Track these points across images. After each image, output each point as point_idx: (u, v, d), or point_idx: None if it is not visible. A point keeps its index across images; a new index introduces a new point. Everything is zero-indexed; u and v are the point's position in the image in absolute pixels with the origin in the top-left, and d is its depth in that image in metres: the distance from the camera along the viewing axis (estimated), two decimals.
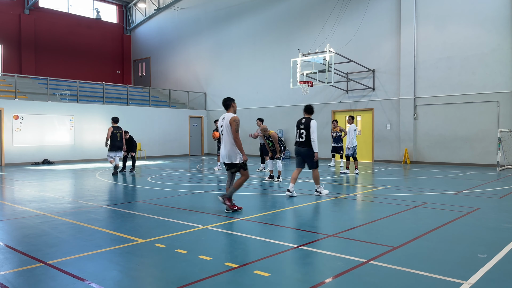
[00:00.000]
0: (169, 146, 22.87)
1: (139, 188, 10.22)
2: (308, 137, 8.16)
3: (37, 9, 25.42)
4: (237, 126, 6.65)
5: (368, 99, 18.23)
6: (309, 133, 8.11)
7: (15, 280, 3.79)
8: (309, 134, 8.12)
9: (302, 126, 8.27)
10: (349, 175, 12.53)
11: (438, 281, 3.65)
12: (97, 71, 27.91)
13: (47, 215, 6.70)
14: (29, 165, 17.40)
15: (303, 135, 8.22)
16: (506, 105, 14.89)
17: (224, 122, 6.73)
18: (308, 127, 8.13)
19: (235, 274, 3.87)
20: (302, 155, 8.33)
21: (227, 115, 6.79)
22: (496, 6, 15.00)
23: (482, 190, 9.24)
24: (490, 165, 14.99)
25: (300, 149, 8.33)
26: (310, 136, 8.11)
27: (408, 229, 5.66)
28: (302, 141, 8.25)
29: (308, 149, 8.22)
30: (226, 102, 6.90)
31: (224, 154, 6.77)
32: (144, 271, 4.08)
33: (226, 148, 6.72)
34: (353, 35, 18.37)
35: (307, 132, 8.16)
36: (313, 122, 8.18)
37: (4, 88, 19.91)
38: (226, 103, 6.90)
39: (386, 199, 8.13)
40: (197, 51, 25.36)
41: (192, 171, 14.50)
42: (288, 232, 5.56)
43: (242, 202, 7.34)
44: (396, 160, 17.29)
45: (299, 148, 8.35)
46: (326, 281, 3.69)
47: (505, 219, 6.20)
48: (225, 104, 6.90)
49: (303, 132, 8.23)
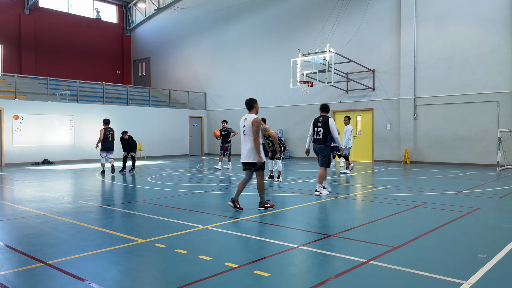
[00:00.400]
0: (169, 146, 22.87)
1: (139, 188, 10.22)
2: (325, 134, 8.48)
3: (37, 9, 25.42)
4: (258, 128, 6.75)
5: (368, 99, 18.23)
6: (326, 131, 8.46)
7: (15, 280, 3.79)
8: (326, 131, 8.46)
9: (319, 124, 8.60)
10: (348, 175, 12.53)
11: (438, 281, 3.65)
12: (97, 71, 27.92)
13: (47, 215, 6.70)
14: (29, 165, 17.40)
15: (321, 133, 8.55)
16: (506, 105, 14.89)
17: (246, 123, 6.83)
18: (326, 125, 8.46)
19: (235, 274, 3.87)
20: (316, 152, 8.67)
21: (249, 115, 6.88)
22: (496, 6, 15.00)
23: (482, 190, 9.24)
24: (490, 165, 14.99)
25: (316, 146, 8.68)
26: (330, 133, 8.46)
27: (408, 229, 5.66)
28: (319, 138, 8.58)
29: (323, 146, 8.53)
30: (249, 103, 6.98)
31: (244, 153, 6.89)
32: (144, 271, 4.08)
33: (247, 148, 6.82)
34: (353, 35, 18.37)
35: (324, 130, 8.48)
36: (331, 120, 8.55)
37: (4, 88, 19.91)
38: (249, 104, 6.98)
39: (386, 199, 8.13)
40: (197, 51, 25.36)
41: (192, 171, 14.50)
42: (288, 232, 5.56)
43: (242, 202, 7.34)
44: (396, 160, 17.29)
45: (315, 145, 8.70)
46: (326, 281, 3.69)
47: (505, 219, 6.20)
48: (248, 105, 6.99)
49: (320, 130, 8.56)
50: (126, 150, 14.08)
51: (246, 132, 6.81)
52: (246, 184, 7.05)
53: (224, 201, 8.23)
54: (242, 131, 6.90)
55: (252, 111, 6.96)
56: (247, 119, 6.84)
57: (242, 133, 6.89)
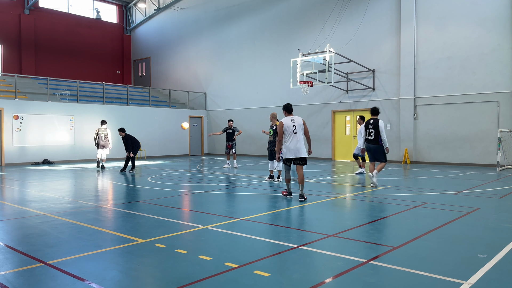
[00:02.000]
0: (169, 146, 22.87)
1: (139, 188, 10.22)
2: (376, 135, 9.58)
3: (37, 9, 25.42)
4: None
5: (368, 99, 18.23)
6: (377, 132, 9.54)
7: (15, 280, 3.79)
8: (377, 132, 9.54)
9: (371, 127, 9.69)
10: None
11: (438, 281, 3.65)
12: (97, 71, 27.91)
13: (47, 215, 6.70)
14: (29, 165, 17.40)
15: (372, 134, 9.65)
16: (506, 105, 14.89)
17: (296, 123, 8.01)
18: (377, 127, 9.54)
19: (235, 274, 3.87)
20: (372, 151, 9.77)
21: (296, 117, 8.12)
22: (496, 6, 15.00)
23: (482, 190, 9.24)
24: (490, 165, 14.99)
25: (370, 145, 9.78)
26: (380, 134, 9.53)
27: (408, 229, 5.66)
28: (372, 139, 9.69)
29: (377, 146, 9.67)
30: (291, 107, 8.35)
31: (295, 148, 7.88)
32: (144, 271, 4.08)
33: (300, 143, 7.92)
34: (353, 35, 18.37)
35: (375, 131, 9.57)
36: (380, 122, 9.63)
37: (4, 88, 19.91)
38: (291, 108, 8.35)
39: (386, 199, 8.13)
40: (197, 51, 25.36)
41: (192, 171, 14.50)
42: (288, 232, 5.56)
43: (242, 202, 7.34)
44: (396, 160, 17.29)
45: (369, 145, 9.80)
46: (326, 281, 3.69)
47: (505, 219, 6.20)
48: (290, 109, 8.32)
49: (372, 131, 9.66)
50: (126, 149, 14.00)
51: (297, 130, 7.94)
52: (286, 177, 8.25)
53: (225, 201, 8.23)
54: (293, 130, 7.92)
55: (292, 113, 8.28)
56: (296, 120, 8.02)
57: (293, 132, 7.92)
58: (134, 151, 14.00)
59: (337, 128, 19.34)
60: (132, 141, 14.00)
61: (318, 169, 14.76)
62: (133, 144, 14.01)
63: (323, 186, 10.25)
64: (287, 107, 8.30)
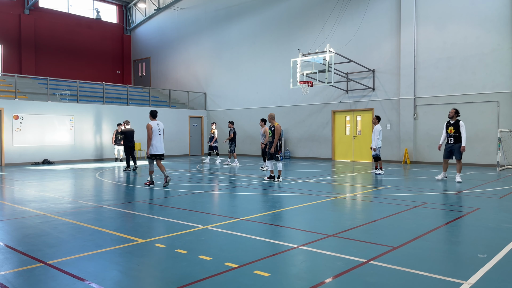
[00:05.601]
0: (169, 146, 22.78)
1: (139, 188, 10.22)
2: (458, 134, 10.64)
3: (37, 9, 25.42)
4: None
5: (368, 99, 18.23)
6: (459, 131, 10.58)
7: (15, 280, 3.79)
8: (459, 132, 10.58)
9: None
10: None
11: (438, 281, 3.65)
12: (97, 71, 27.91)
13: (47, 215, 6.70)
14: (29, 165, 17.39)
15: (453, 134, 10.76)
16: (506, 105, 14.89)
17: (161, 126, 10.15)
18: (458, 127, 10.62)
19: (235, 274, 3.87)
20: (452, 148, 10.74)
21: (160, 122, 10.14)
22: (496, 6, 15.00)
23: (482, 190, 9.24)
24: (490, 165, 14.99)
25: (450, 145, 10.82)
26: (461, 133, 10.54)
27: (408, 229, 5.66)
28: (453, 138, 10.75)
29: (457, 144, 10.67)
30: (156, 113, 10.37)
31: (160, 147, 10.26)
32: (144, 271, 4.08)
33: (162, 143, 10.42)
34: (353, 35, 18.37)
35: (456, 130, 10.66)
36: (461, 122, 10.71)
37: (4, 88, 19.90)
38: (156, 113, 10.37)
39: (386, 199, 8.13)
40: (197, 51, 25.36)
41: (192, 171, 14.50)
42: (288, 232, 5.56)
43: (242, 202, 7.34)
44: (396, 160, 17.29)
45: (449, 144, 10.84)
46: (326, 281, 3.69)
47: (505, 219, 6.20)
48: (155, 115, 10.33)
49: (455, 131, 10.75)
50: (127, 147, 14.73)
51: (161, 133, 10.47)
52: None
53: (225, 201, 8.24)
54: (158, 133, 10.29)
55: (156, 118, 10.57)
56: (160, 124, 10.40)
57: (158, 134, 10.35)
58: (123, 147, 14.73)
59: (337, 128, 19.34)
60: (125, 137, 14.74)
61: (318, 169, 14.76)
62: (125, 140, 14.63)
63: (323, 186, 10.24)
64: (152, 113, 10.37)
